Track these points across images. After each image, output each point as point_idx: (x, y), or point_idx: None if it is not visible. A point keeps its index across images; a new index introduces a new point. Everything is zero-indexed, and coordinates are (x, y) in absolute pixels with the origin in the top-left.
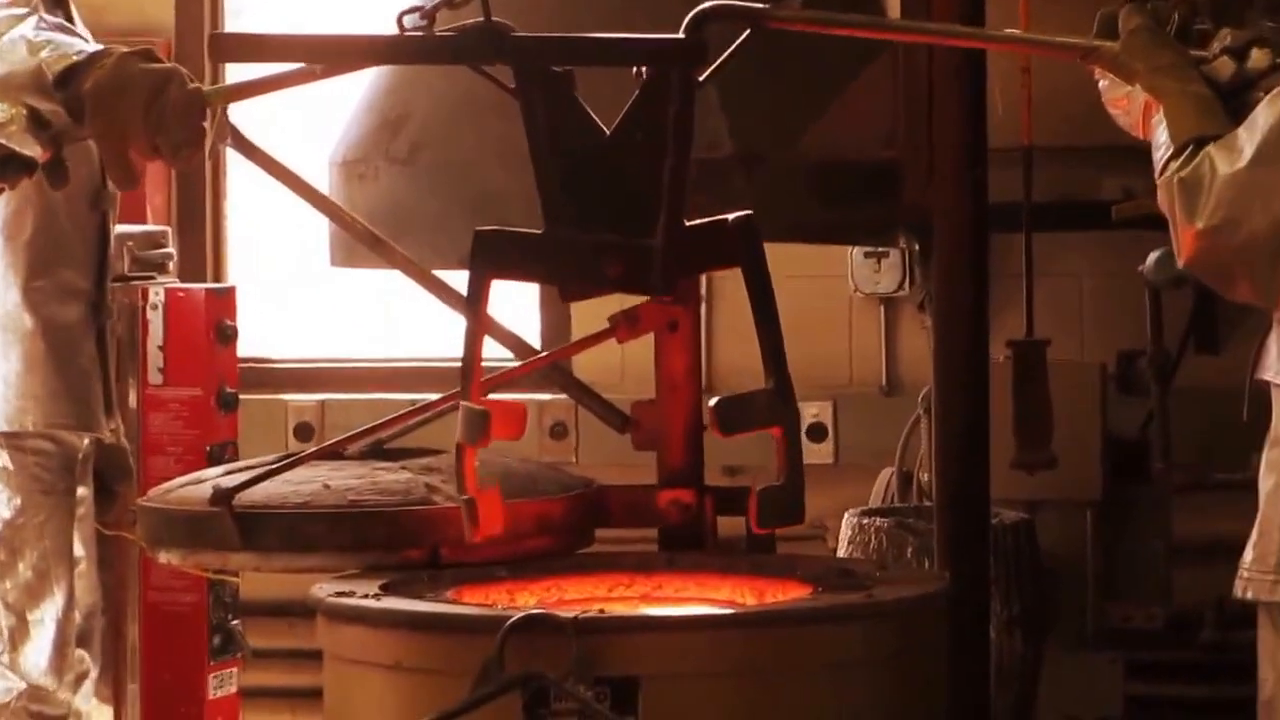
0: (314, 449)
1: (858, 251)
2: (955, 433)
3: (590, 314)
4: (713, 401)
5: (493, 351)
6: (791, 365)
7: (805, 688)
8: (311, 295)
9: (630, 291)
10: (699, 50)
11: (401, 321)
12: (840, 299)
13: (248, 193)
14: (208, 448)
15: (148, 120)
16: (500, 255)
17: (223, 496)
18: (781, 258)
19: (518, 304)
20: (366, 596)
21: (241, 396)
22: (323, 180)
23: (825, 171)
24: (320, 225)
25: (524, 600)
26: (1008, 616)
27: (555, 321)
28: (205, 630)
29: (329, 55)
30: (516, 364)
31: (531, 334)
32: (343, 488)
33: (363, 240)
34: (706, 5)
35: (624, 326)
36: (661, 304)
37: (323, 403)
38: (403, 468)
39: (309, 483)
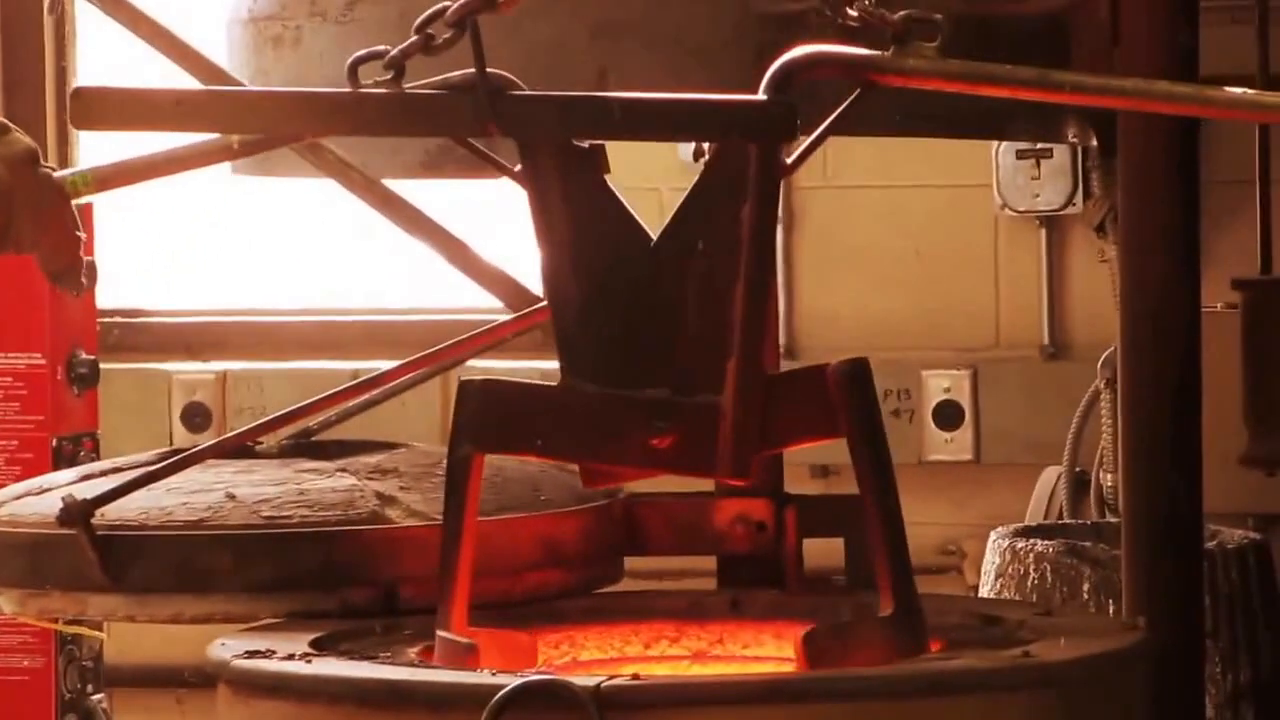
0: (211, 442)
1: (1007, 150)
2: (1152, 414)
3: None
4: (805, 634)
5: (482, 300)
6: (913, 315)
7: None
8: (205, 218)
9: (687, 472)
10: (787, 118)
11: (338, 257)
12: (982, 219)
13: (108, 65)
14: (54, 441)
15: None
16: (494, 419)
17: (78, 513)
18: (897, 159)
19: (512, 234)
20: (292, 658)
21: (104, 366)
22: (219, 46)
23: (961, 28)
24: None
25: (523, 661)
26: (1234, 685)
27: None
28: (53, 708)
29: (252, 120)
30: (510, 318)
31: (532, 278)
32: (254, 499)
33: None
34: (798, 53)
35: None
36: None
37: (223, 374)
38: (342, 470)
39: (206, 491)
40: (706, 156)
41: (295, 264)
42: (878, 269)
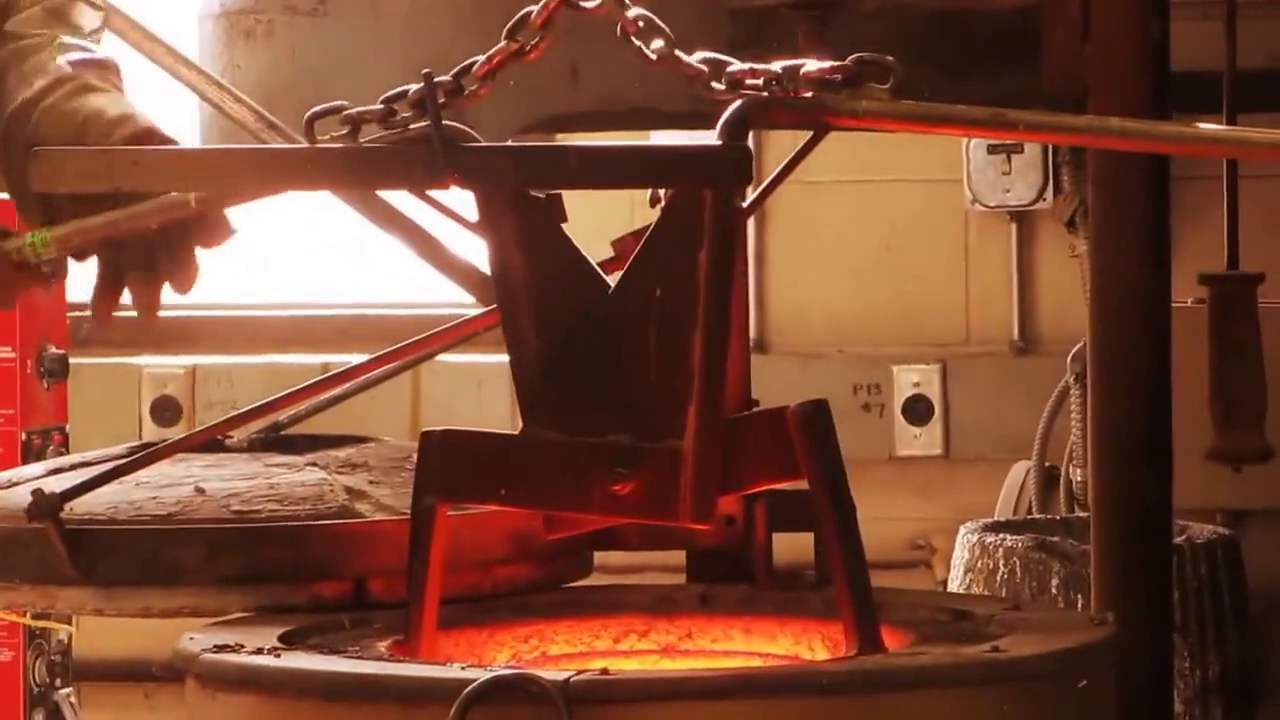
0: (181, 436)
1: (977, 145)
2: (1122, 410)
3: (588, 233)
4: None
5: (453, 295)
6: (883, 310)
7: None
8: None
9: (648, 518)
10: (742, 163)
11: (309, 250)
12: (953, 214)
13: None
14: (23, 435)
15: None
16: (457, 467)
17: (47, 506)
18: (868, 154)
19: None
20: (261, 651)
21: (74, 360)
22: (191, 39)
23: (933, 24)
24: (188, 106)
25: (492, 655)
26: (1202, 680)
27: None
28: (21, 701)
29: (209, 179)
30: (480, 312)
31: None
32: (224, 493)
33: (250, 129)
34: (752, 99)
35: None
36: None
37: (193, 369)
38: (312, 464)
39: (175, 485)
40: (663, 202)
41: (266, 258)
42: (848, 264)
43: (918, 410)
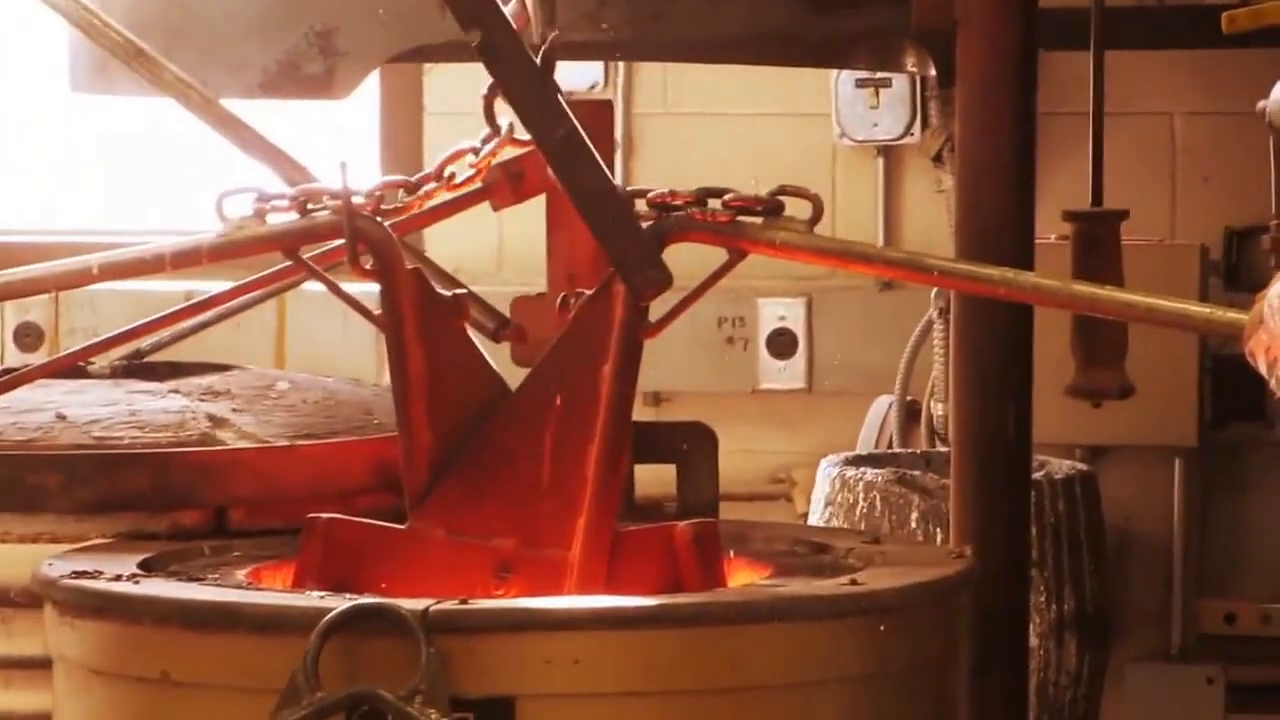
0: (43, 362)
1: (846, 79)
2: (984, 346)
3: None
4: None
5: None
6: None
7: (758, 715)
8: (40, 134)
9: None
10: (657, 277)
11: (174, 175)
12: (820, 148)
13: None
14: None
15: None
16: (339, 559)
17: None
18: (736, 87)
19: (348, 130)
20: (120, 578)
21: None
22: None
23: None
24: (55, 30)
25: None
26: (1057, 614)
27: (401, 171)
28: None
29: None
30: (335, 245)
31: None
32: (85, 419)
33: (120, 54)
34: (674, 219)
35: (503, 186)
36: None
37: (56, 294)
38: (174, 391)
39: (36, 411)
40: (574, 312)
41: (129, 182)
42: None
43: (781, 344)
